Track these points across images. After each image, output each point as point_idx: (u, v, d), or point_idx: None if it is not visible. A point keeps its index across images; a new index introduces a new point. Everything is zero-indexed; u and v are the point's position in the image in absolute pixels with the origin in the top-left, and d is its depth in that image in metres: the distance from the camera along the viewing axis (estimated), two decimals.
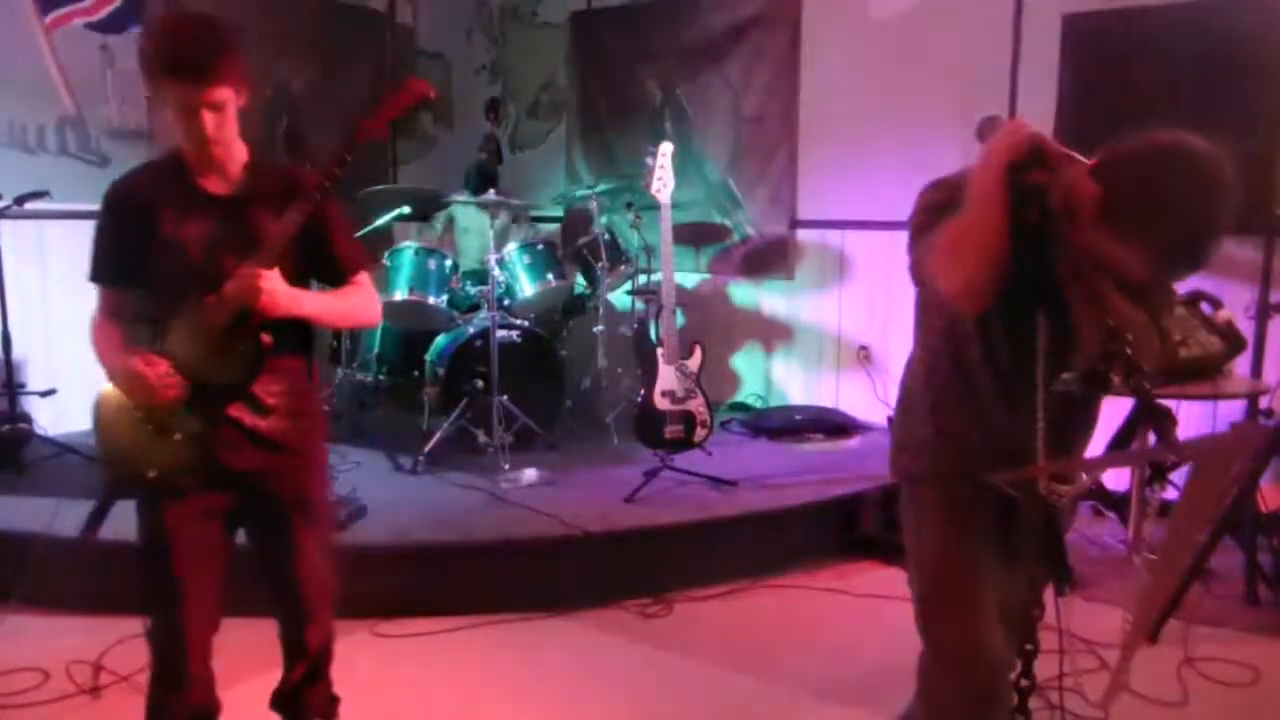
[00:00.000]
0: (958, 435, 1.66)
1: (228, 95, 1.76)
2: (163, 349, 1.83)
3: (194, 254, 1.82)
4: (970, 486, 1.62)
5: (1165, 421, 1.15)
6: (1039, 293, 1.44)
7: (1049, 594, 1.72)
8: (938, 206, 1.54)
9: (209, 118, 1.76)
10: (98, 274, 1.92)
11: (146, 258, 1.83)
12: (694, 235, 5.20)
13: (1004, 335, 1.57)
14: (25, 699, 2.50)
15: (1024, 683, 1.63)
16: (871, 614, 3.13)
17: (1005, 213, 1.39)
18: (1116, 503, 3.80)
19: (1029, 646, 1.64)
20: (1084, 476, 1.52)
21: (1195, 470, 1.07)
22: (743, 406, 5.09)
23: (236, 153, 1.88)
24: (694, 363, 3.71)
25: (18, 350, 3.85)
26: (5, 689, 2.53)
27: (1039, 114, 4.09)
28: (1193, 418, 3.77)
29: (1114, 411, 1.73)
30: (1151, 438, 1.19)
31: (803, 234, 4.96)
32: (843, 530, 3.55)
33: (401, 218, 4.64)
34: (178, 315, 1.83)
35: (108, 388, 1.88)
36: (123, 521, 1.95)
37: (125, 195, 1.88)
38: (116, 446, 1.89)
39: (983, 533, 1.67)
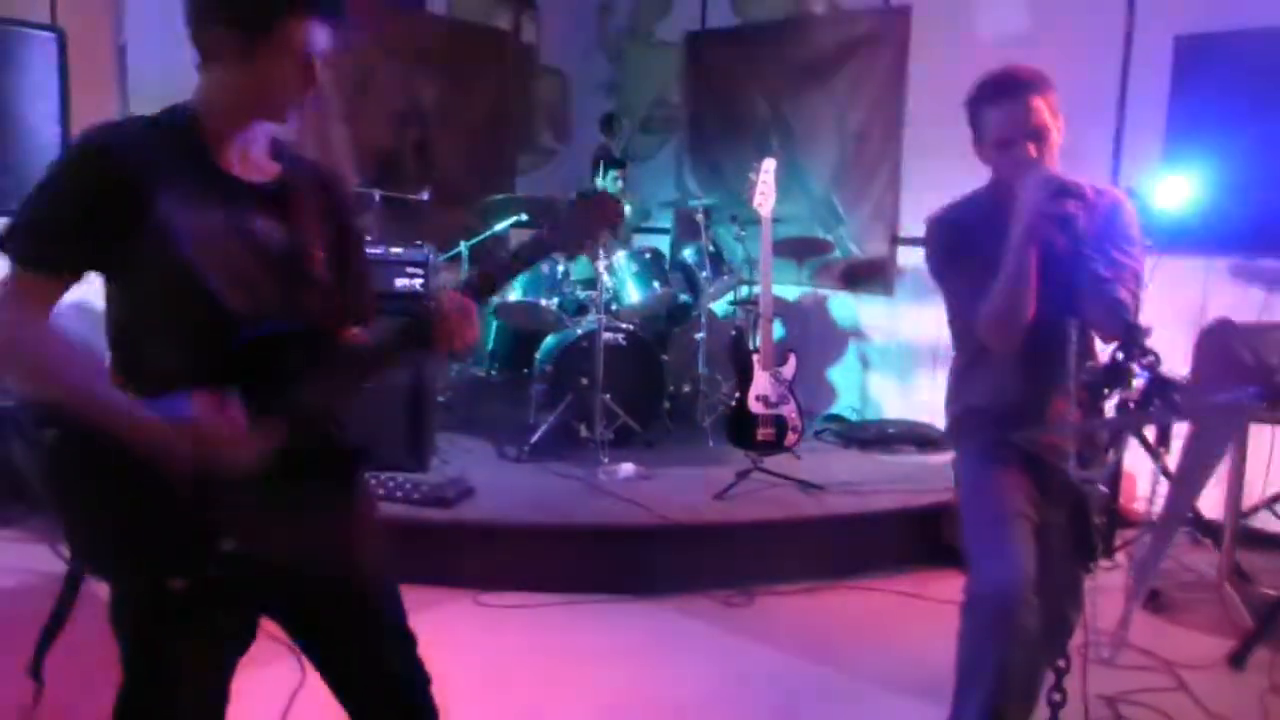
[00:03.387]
0: (982, 409, 2.00)
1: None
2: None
3: (209, 254, 1.33)
4: (995, 438, 1.93)
5: (1170, 389, 1.30)
6: (1065, 305, 1.64)
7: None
8: (952, 249, 1.94)
9: (320, 72, 1.38)
10: (40, 250, 1.29)
11: (129, 245, 1.30)
12: (796, 249, 5.33)
13: (1030, 337, 1.82)
14: None
15: (1056, 696, 1.76)
16: (948, 620, 3.17)
17: (1034, 277, 1.75)
18: (1212, 530, 3.76)
19: (1061, 663, 1.79)
20: (1108, 457, 1.67)
21: (1195, 430, 1.20)
22: (837, 418, 5.19)
23: (263, 132, 1.45)
24: (788, 370, 3.87)
25: None
26: None
27: (1148, 136, 4.10)
28: None
29: None
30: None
31: (903, 251, 5.04)
32: (925, 539, 3.64)
33: (518, 225, 4.96)
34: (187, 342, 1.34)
35: (59, 433, 1.29)
36: None
37: (114, 151, 1.31)
38: (110, 533, 1.32)
39: (1009, 467, 1.92)
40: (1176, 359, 3.65)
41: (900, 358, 5.11)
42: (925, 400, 4.94)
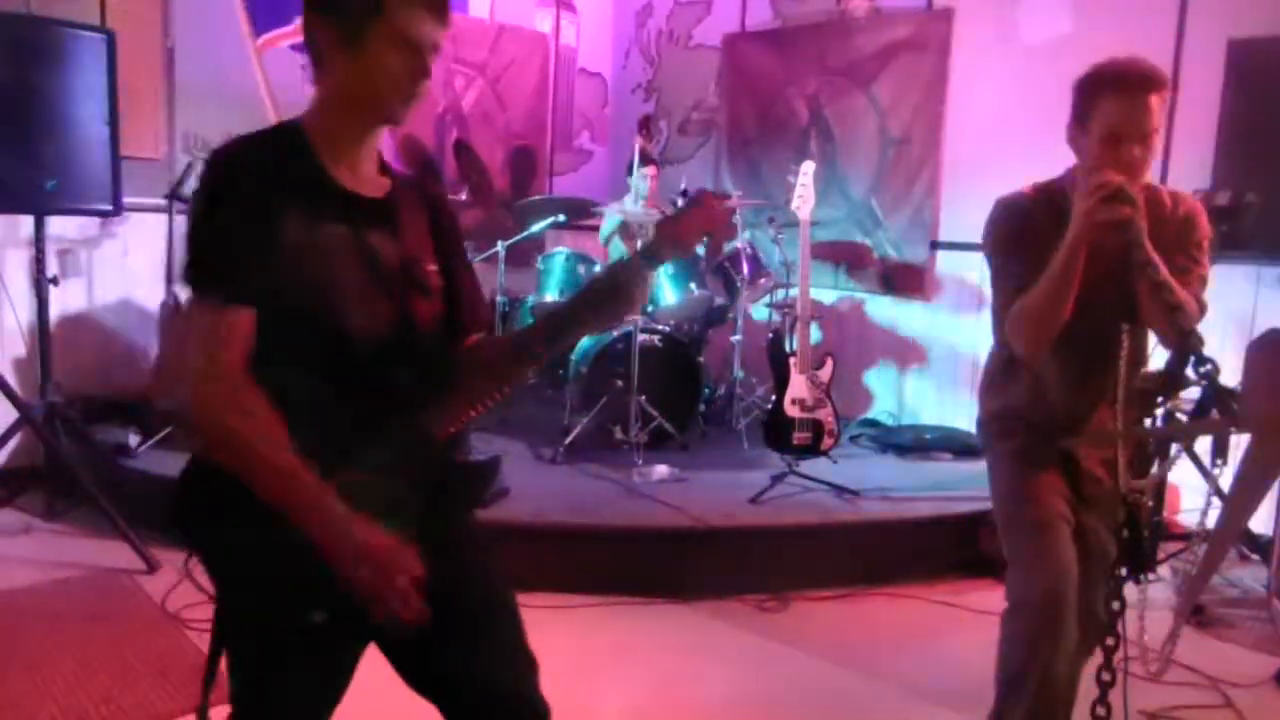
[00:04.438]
0: (1021, 411, 1.99)
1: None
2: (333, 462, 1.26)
3: (333, 272, 1.31)
4: (1032, 441, 1.92)
5: (1228, 399, 1.26)
6: (1121, 312, 1.61)
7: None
8: (1013, 238, 1.89)
9: (426, 60, 1.33)
10: (239, 287, 1.24)
11: (262, 274, 1.26)
12: (834, 253, 5.31)
13: (1080, 343, 1.80)
14: None
15: (1100, 710, 1.73)
16: (984, 629, 3.12)
17: (1077, 283, 1.73)
18: (1260, 546, 3.68)
19: (1105, 675, 1.76)
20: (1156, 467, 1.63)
21: (1255, 440, 1.17)
22: (874, 423, 5.14)
23: (373, 146, 1.42)
24: (825, 374, 3.84)
25: None
26: None
27: (1198, 140, 4.02)
28: None
29: None
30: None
31: (942, 256, 4.99)
32: (961, 547, 3.59)
33: (555, 225, 4.97)
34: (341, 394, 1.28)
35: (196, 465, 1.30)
36: None
37: (255, 169, 1.28)
38: (260, 564, 1.27)
39: (1047, 470, 1.91)
40: (1226, 368, 3.57)
41: (938, 363, 5.05)
42: (963, 407, 4.88)
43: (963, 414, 4.88)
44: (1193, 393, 1.51)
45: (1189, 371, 1.35)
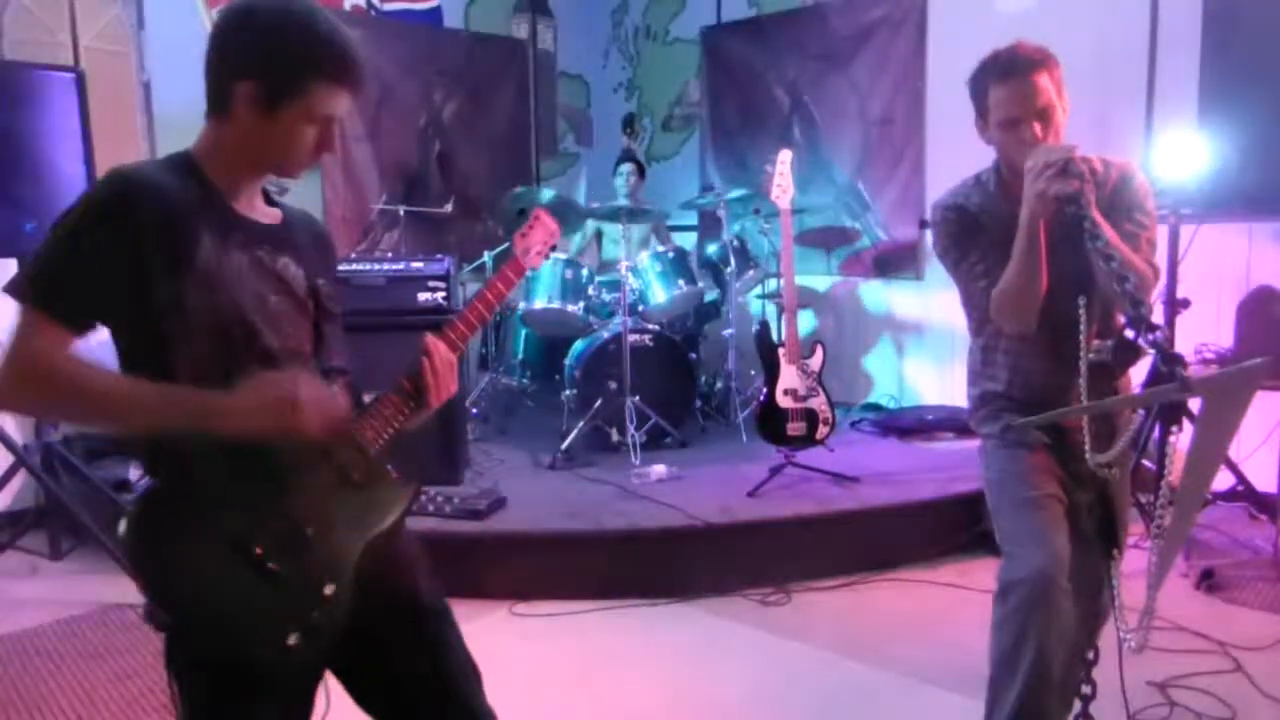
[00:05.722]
0: (1004, 393, 2.01)
1: None
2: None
3: (244, 294, 1.34)
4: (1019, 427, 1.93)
5: (1177, 364, 1.25)
6: (1079, 283, 1.59)
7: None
8: (962, 235, 1.93)
9: (333, 134, 1.41)
10: (70, 299, 1.26)
11: (162, 291, 1.27)
12: (824, 238, 5.28)
13: (1047, 318, 1.80)
14: None
15: (1086, 689, 1.71)
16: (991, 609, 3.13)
17: (1043, 258, 1.75)
18: (1268, 505, 3.63)
19: (1089, 654, 1.73)
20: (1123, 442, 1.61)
21: (1207, 405, 1.15)
22: (875, 407, 5.11)
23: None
24: (815, 362, 3.81)
25: None
26: None
27: (1181, 99, 3.96)
28: None
29: None
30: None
31: (932, 234, 4.94)
32: (964, 527, 3.56)
33: None
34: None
35: (144, 504, 1.28)
36: None
37: (155, 195, 1.28)
38: (217, 607, 1.26)
39: (1036, 450, 1.91)
40: (1222, 326, 3.51)
41: (935, 342, 5.01)
42: (963, 385, 4.83)
43: (964, 392, 4.83)
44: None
45: (1140, 340, 1.33)
